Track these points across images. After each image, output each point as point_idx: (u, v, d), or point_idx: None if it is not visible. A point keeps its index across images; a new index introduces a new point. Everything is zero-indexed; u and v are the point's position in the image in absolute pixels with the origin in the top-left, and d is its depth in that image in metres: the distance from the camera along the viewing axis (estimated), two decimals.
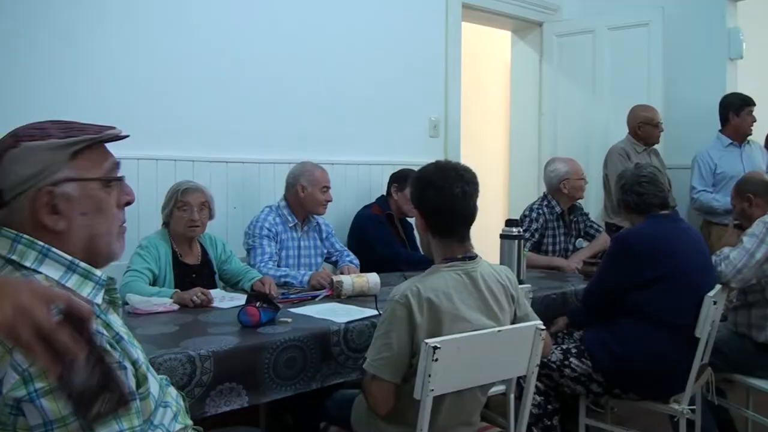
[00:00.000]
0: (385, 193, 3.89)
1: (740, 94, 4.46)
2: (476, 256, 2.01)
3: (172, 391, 1.44)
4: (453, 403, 1.94)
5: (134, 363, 1.18)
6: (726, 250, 2.92)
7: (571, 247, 3.85)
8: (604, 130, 4.61)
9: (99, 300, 1.21)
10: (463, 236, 1.99)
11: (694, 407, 2.67)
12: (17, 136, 1.17)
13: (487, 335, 1.90)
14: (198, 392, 1.90)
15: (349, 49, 4.04)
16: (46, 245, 1.16)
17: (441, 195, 1.94)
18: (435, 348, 1.76)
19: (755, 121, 4.39)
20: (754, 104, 4.39)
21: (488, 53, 6.07)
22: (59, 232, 1.18)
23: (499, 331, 1.93)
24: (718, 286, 2.64)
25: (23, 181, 1.15)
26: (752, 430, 3.26)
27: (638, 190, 2.70)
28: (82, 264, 1.19)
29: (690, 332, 2.51)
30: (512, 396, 2.40)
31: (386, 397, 1.92)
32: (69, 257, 1.18)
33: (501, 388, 2.65)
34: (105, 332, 1.14)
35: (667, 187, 2.78)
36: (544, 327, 2.01)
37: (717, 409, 2.98)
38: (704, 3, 4.84)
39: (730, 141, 4.40)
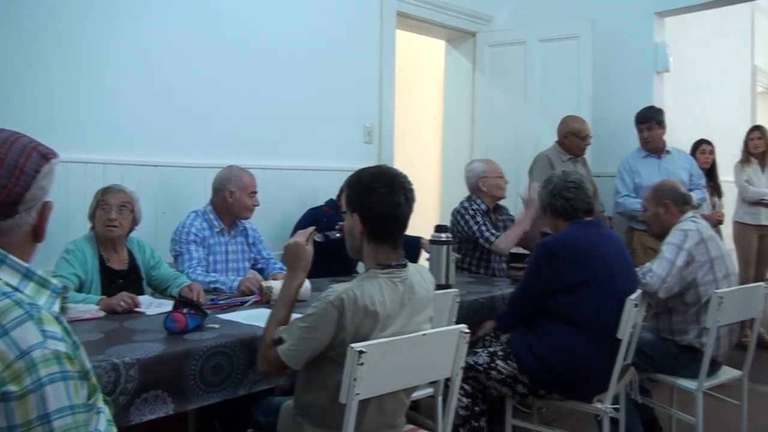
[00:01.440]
0: (335, 197, 3.84)
1: (643, 111, 4.62)
2: (407, 263, 2.03)
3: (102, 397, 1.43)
4: (378, 406, 1.95)
5: (86, 373, 1.18)
6: (648, 264, 3.04)
7: None
8: (535, 138, 4.72)
9: (56, 308, 1.20)
10: (398, 243, 2.01)
11: (617, 406, 2.76)
12: (42, 152, 1.23)
13: (412, 339, 1.93)
14: (123, 400, 1.87)
15: (283, 55, 4.04)
16: (2, 251, 1.17)
17: (386, 202, 1.94)
18: (360, 352, 1.78)
19: (648, 138, 4.53)
20: (645, 122, 4.54)
21: (423, 61, 6.13)
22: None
23: (424, 334, 1.96)
24: (639, 290, 2.75)
25: (45, 195, 1.24)
26: (676, 427, 3.40)
27: (566, 195, 2.76)
28: (39, 272, 1.20)
29: (613, 334, 2.59)
30: (440, 398, 2.44)
31: (277, 369, 1.99)
32: (25, 264, 1.19)
33: (429, 390, 2.71)
34: (68, 339, 1.13)
35: (591, 195, 2.86)
36: (468, 331, 2.06)
37: (642, 408, 3.08)
38: (633, 18, 5.03)
39: (647, 153, 4.59)
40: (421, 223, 3.41)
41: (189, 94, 3.65)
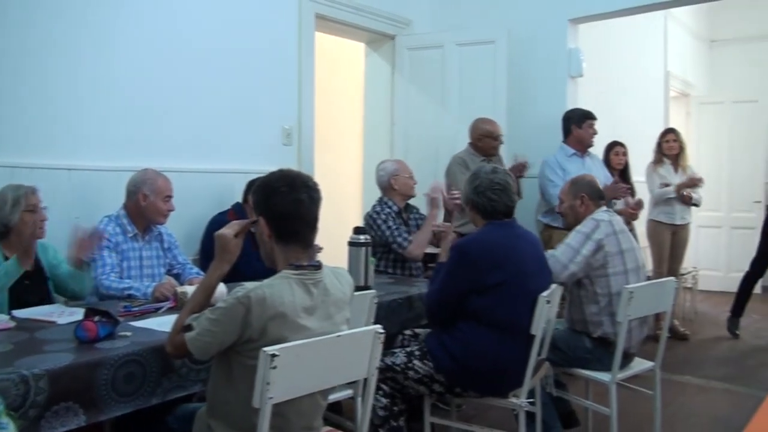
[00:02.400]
0: (240, 201, 3.84)
1: (582, 109, 4.81)
2: (320, 264, 2.02)
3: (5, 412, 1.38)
4: (293, 409, 1.94)
5: None
6: (554, 250, 3.14)
7: None
8: (452, 141, 4.78)
9: None
10: (308, 242, 2.00)
11: (532, 400, 2.83)
12: None
13: (326, 341, 1.92)
14: (33, 414, 1.81)
15: (199, 56, 3.96)
16: None
17: (288, 200, 1.95)
18: (273, 356, 1.77)
19: (596, 133, 4.72)
20: (595, 118, 4.73)
21: (344, 63, 6.14)
22: None
23: (338, 336, 1.96)
24: (553, 286, 2.82)
25: None
26: (592, 419, 3.50)
27: (490, 196, 2.76)
28: None
29: (527, 331, 2.64)
30: (359, 399, 2.44)
31: (183, 355, 1.99)
32: None
33: (349, 392, 2.72)
34: None
35: (516, 197, 2.89)
36: (383, 331, 2.07)
37: (558, 401, 3.16)
38: (547, 24, 5.17)
39: (574, 151, 4.72)
40: (344, 223, 3.42)
41: (103, 96, 3.54)
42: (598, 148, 5.29)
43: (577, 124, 4.73)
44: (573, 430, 3.34)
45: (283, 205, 1.96)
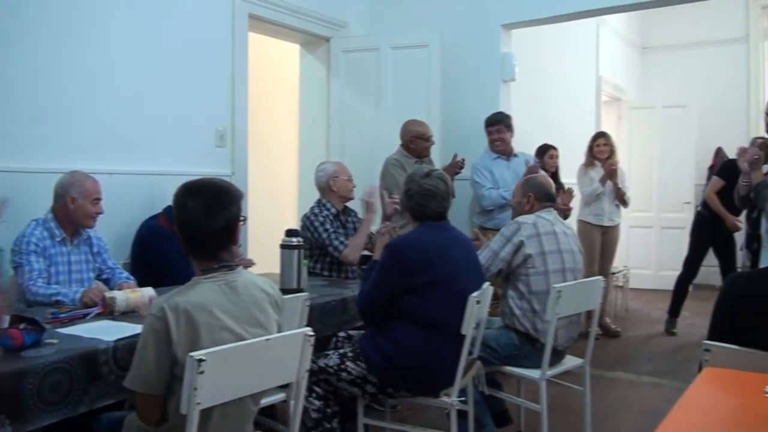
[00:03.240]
0: (171, 204, 3.78)
1: (493, 114, 4.89)
2: (235, 265, 2.02)
3: None
4: (222, 415, 1.93)
5: None
6: (482, 257, 3.22)
7: None
8: (388, 143, 4.80)
9: None
10: (216, 252, 1.99)
11: (464, 399, 2.87)
12: None
13: (254, 344, 1.92)
14: None
15: (131, 55, 3.89)
16: None
17: (190, 212, 1.98)
18: (200, 361, 1.75)
19: (500, 140, 4.80)
20: (496, 123, 4.82)
21: (281, 64, 6.11)
22: None
23: (267, 339, 1.96)
24: (485, 285, 2.87)
25: None
26: (524, 416, 3.58)
27: (419, 201, 2.81)
28: None
29: (457, 331, 2.68)
30: (293, 403, 2.44)
31: (150, 408, 1.92)
32: None
33: (282, 395, 2.71)
34: None
35: (448, 201, 2.92)
36: (312, 334, 2.07)
37: (491, 399, 3.21)
38: (480, 29, 5.25)
39: (497, 155, 4.83)
40: (281, 225, 3.40)
41: (29, 96, 3.44)
42: (531, 151, 5.42)
43: (485, 130, 4.86)
44: (506, 427, 3.40)
45: (188, 218, 1.98)
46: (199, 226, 1.97)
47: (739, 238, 6.41)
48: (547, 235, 3.25)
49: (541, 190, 3.42)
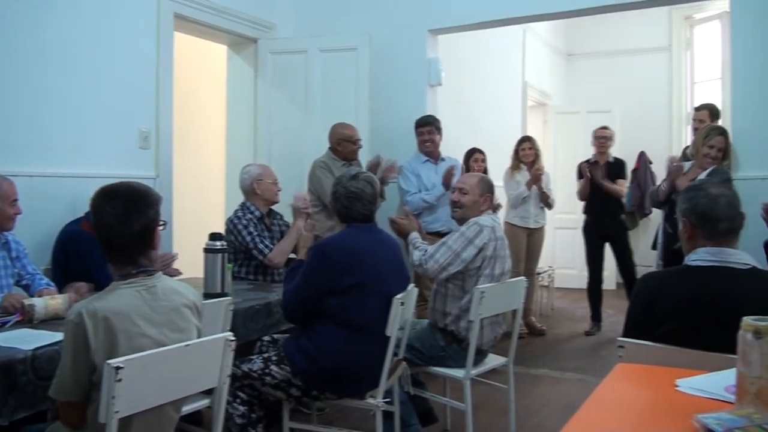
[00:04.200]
0: None
1: (422, 117, 4.97)
2: (154, 270, 2.00)
3: None
4: (142, 423, 1.89)
5: None
6: (431, 249, 3.23)
7: None
8: (316, 146, 4.78)
9: None
10: (134, 257, 1.96)
11: (389, 400, 2.89)
12: None
13: (174, 351, 1.89)
14: None
15: (51, 53, 3.75)
16: None
17: (105, 216, 1.95)
18: (117, 368, 1.72)
19: (429, 141, 4.87)
20: (426, 125, 4.89)
21: (207, 65, 6.02)
22: None
23: (186, 345, 1.93)
24: (410, 287, 2.90)
25: None
26: (450, 415, 3.62)
27: (345, 203, 2.84)
28: None
29: (382, 332, 2.70)
30: (216, 409, 2.40)
31: (72, 414, 1.88)
32: None
33: (206, 401, 2.67)
34: None
35: (374, 204, 2.94)
36: (233, 338, 2.05)
37: (416, 400, 3.24)
38: (408, 34, 5.30)
39: (426, 158, 4.88)
40: (207, 228, 3.33)
41: None
42: (458, 155, 5.49)
43: (415, 133, 4.92)
44: (432, 426, 3.44)
45: (105, 222, 1.95)
46: (115, 230, 1.93)
47: (649, 237, 6.68)
48: (500, 239, 3.33)
49: (493, 194, 3.48)
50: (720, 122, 5.05)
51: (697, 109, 5.23)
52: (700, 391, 1.52)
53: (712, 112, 5.04)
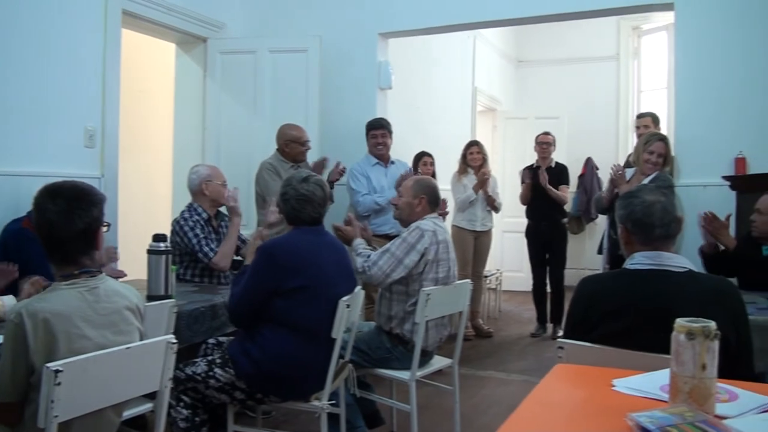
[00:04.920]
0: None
1: (374, 120, 4.98)
2: (98, 271, 1.97)
3: None
4: (82, 427, 1.86)
5: None
6: (374, 256, 3.24)
7: None
8: (265, 147, 4.74)
9: None
10: (76, 257, 1.93)
11: (335, 402, 2.88)
12: None
13: (115, 353, 1.86)
14: None
15: None
16: None
17: (45, 215, 1.92)
18: (57, 372, 1.68)
19: (381, 144, 4.88)
20: (379, 128, 4.89)
21: (157, 63, 5.93)
22: None
23: (128, 348, 1.90)
24: (356, 289, 2.90)
25: None
26: (396, 416, 3.64)
27: (295, 206, 2.82)
28: None
29: (328, 335, 2.70)
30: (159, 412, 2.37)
31: (10, 415, 1.83)
32: None
33: (149, 405, 2.62)
34: None
35: (323, 207, 2.93)
36: (175, 341, 2.03)
37: (362, 402, 3.24)
38: (358, 37, 5.32)
39: (377, 161, 4.90)
40: (155, 230, 3.26)
41: None
42: (408, 158, 5.52)
43: (366, 135, 4.94)
44: (378, 428, 3.44)
45: (47, 220, 1.92)
46: (58, 228, 1.90)
47: (595, 242, 6.83)
48: (443, 243, 3.34)
49: (433, 194, 3.48)
50: (662, 130, 5.19)
51: (640, 116, 5.41)
52: (635, 390, 1.55)
53: (654, 119, 5.21)
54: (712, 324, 1.41)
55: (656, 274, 1.97)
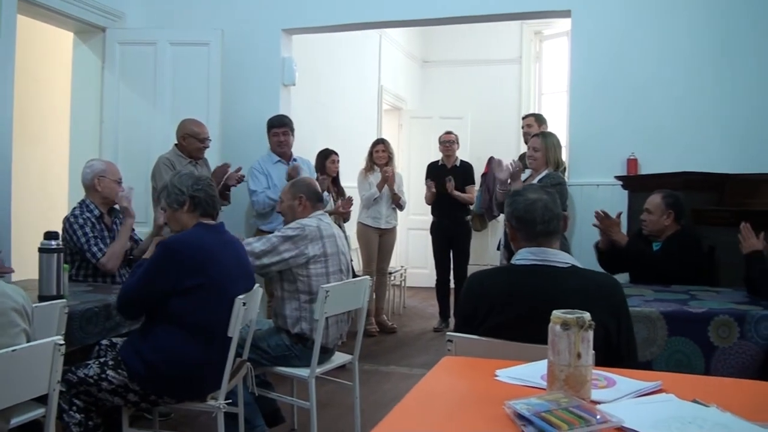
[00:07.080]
0: None
1: (275, 117, 4.98)
2: None
3: None
4: None
5: None
6: (252, 239, 3.26)
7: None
8: (164, 142, 4.63)
9: None
10: None
11: (231, 401, 2.86)
12: None
13: (0, 357, 1.79)
14: None
15: None
16: None
17: None
18: None
19: (282, 141, 4.89)
20: (280, 126, 4.90)
21: (54, 51, 5.68)
22: None
23: (13, 351, 1.83)
24: (255, 287, 2.89)
25: None
26: (298, 414, 3.66)
27: (193, 195, 2.79)
28: None
29: (224, 334, 2.65)
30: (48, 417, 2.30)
31: None
32: None
33: (41, 411, 2.53)
34: None
35: (218, 203, 2.92)
36: (63, 342, 1.97)
37: (262, 400, 3.23)
38: (261, 32, 5.31)
39: (278, 158, 4.89)
40: (49, 227, 3.12)
41: None
42: (312, 155, 5.54)
43: (268, 132, 4.94)
44: (278, 427, 3.45)
45: None
46: None
47: (496, 239, 7.03)
48: (329, 237, 3.37)
49: (311, 191, 3.50)
50: (555, 130, 5.41)
51: (525, 117, 5.67)
52: (517, 379, 1.62)
53: (538, 119, 5.46)
54: (587, 315, 1.49)
55: (542, 269, 2.06)
